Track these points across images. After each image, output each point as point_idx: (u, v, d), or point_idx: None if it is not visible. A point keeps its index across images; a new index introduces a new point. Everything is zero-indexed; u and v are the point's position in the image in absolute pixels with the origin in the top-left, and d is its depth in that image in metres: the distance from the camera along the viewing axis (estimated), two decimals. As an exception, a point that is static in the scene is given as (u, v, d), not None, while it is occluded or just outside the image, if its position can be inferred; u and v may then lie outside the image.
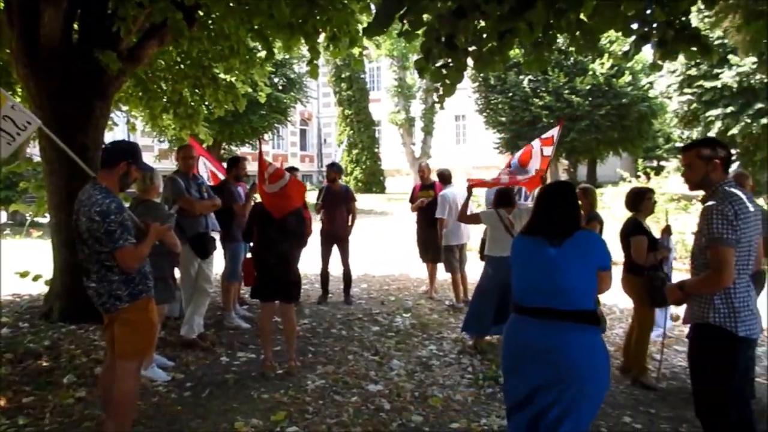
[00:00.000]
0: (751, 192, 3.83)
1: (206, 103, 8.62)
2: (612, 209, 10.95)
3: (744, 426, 2.86)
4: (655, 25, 4.04)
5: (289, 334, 4.94)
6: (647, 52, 4.61)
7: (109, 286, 3.16)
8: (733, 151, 20.41)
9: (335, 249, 7.38)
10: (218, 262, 6.00)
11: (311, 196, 10.14)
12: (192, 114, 8.21)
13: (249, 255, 5.39)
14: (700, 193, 2.98)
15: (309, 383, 4.60)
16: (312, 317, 6.72)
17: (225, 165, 6.86)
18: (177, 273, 5.37)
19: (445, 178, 7.41)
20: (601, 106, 22.81)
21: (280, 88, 21.12)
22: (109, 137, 6.42)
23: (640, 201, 4.79)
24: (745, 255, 2.73)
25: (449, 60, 3.87)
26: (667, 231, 4.64)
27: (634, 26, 4.12)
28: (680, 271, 7.60)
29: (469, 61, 4.01)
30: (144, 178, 4.43)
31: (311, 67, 6.57)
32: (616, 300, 6.67)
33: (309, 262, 7.55)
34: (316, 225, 7.32)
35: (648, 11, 3.99)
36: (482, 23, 3.83)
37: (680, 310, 3.05)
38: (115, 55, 5.69)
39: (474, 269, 7.15)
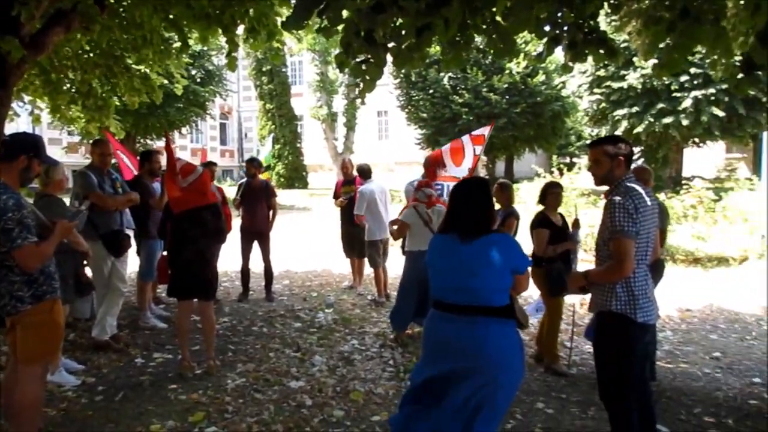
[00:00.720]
0: (651, 187, 4.09)
1: (119, 94, 8.23)
2: (527, 204, 11.36)
3: (643, 406, 3.07)
4: (566, 28, 4.23)
5: (207, 333, 4.83)
6: (560, 54, 4.89)
7: (9, 286, 2.97)
8: (638, 149, 21.64)
9: (256, 245, 7.27)
10: (133, 260, 5.77)
11: (231, 192, 9.92)
12: (102, 106, 7.80)
13: (166, 252, 5.23)
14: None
15: (229, 382, 4.52)
16: (232, 315, 6.59)
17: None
18: (89, 272, 5.13)
19: (364, 173, 7.43)
20: (518, 104, 23.56)
21: (198, 80, 20.52)
22: (11, 129, 6.02)
23: (544, 195, 5.02)
24: (643, 246, 2.92)
25: (369, 56, 3.89)
26: (575, 224, 4.88)
27: (547, 28, 4.30)
28: (589, 262, 8.01)
29: (389, 58, 4.05)
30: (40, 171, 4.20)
31: (229, 59, 6.40)
32: (531, 291, 6.92)
33: (229, 258, 7.39)
34: (236, 221, 7.18)
35: (559, 14, 4.18)
36: (401, 20, 3.87)
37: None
38: (16, 41, 5.32)
39: (397, 264, 7.24)
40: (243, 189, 7.37)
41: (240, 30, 6.24)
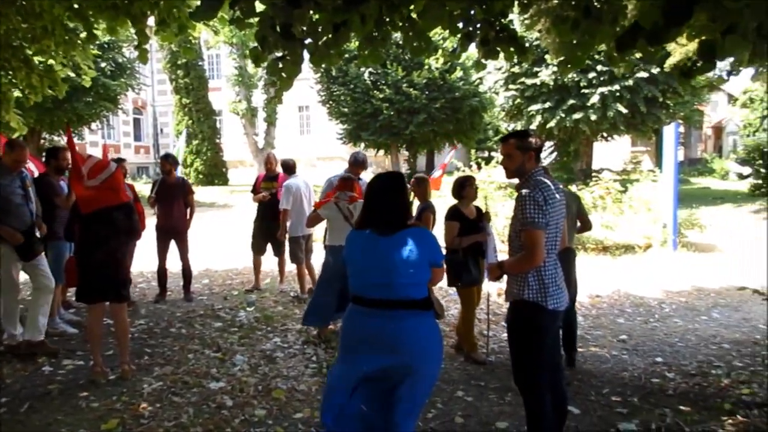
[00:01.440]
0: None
1: (19, 87, 7.72)
2: (447, 197, 11.57)
3: (555, 390, 3.21)
4: (478, 26, 4.34)
5: (121, 336, 4.64)
6: (475, 50, 5.04)
7: None
8: (551, 143, 22.50)
9: (173, 244, 7.05)
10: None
11: (145, 189, 9.57)
12: (0, 100, 7.31)
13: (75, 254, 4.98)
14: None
15: (145, 387, 4.37)
16: (149, 317, 6.37)
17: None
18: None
19: (289, 168, 7.34)
20: (437, 100, 23.93)
21: (109, 73, 19.55)
22: None
23: (461, 189, 5.15)
24: (553, 236, 3.05)
25: (285, 52, 3.85)
26: (486, 217, 5.04)
27: (460, 25, 4.39)
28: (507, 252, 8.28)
29: (306, 55, 4.02)
30: None
31: (140, 51, 6.13)
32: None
33: (145, 258, 7.13)
34: (152, 219, 6.93)
35: (471, 11, 4.28)
36: (317, 15, 3.85)
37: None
38: None
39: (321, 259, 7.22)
40: (158, 186, 7.13)
41: (151, 21, 6.00)
